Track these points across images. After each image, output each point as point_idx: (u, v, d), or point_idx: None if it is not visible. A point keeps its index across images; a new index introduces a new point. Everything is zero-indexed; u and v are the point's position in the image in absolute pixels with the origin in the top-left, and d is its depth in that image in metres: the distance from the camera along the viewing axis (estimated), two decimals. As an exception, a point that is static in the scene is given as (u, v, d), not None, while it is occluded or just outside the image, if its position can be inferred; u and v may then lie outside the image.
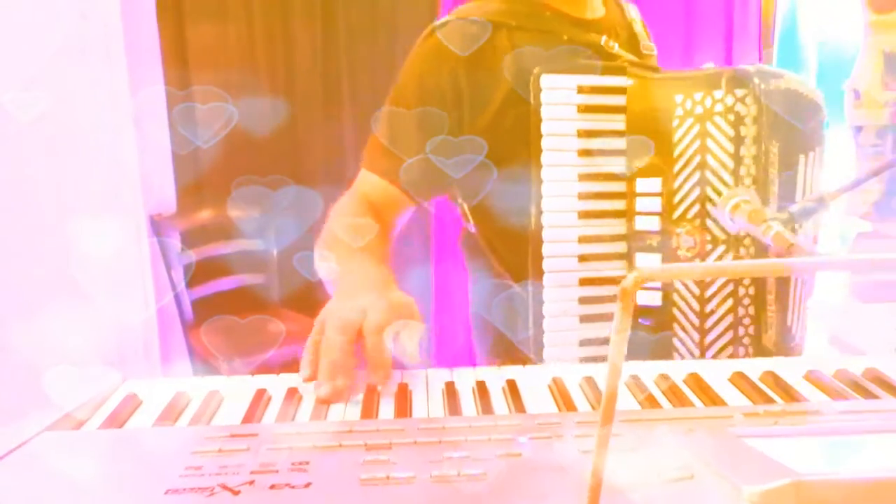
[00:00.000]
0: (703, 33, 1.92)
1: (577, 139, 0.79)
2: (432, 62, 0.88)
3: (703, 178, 0.77)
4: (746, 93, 0.77)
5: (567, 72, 0.79)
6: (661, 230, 0.79)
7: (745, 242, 0.77)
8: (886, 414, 0.51)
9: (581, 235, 0.80)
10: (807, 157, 0.80)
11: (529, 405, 0.59)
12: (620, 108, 0.81)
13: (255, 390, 0.62)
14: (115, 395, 0.62)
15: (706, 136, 0.77)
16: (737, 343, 0.78)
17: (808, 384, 0.61)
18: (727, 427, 0.49)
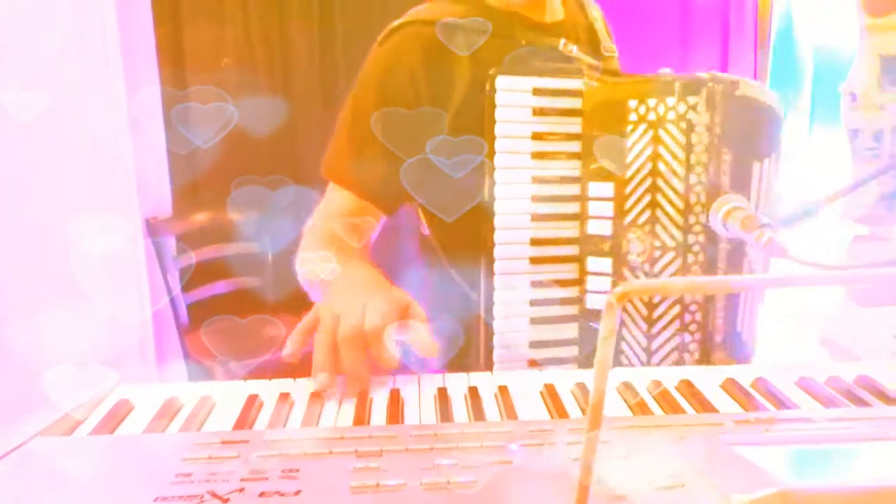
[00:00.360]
0: (699, 36, 1.93)
1: (532, 141, 0.80)
2: (391, 66, 0.88)
3: (654, 185, 0.78)
4: (698, 101, 0.77)
5: (523, 74, 0.80)
6: (613, 235, 0.80)
7: (693, 249, 0.78)
8: (877, 422, 0.51)
9: (533, 238, 0.80)
10: (761, 163, 0.81)
11: (521, 412, 0.59)
12: (576, 111, 0.81)
13: (247, 396, 0.62)
14: (108, 401, 0.62)
15: (658, 142, 0.78)
16: (682, 349, 0.79)
17: (799, 391, 0.62)
18: (718, 434, 0.49)
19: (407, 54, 0.87)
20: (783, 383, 0.63)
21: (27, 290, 1.67)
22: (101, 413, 0.59)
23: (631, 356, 0.80)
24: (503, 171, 0.79)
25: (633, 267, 0.79)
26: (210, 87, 2.09)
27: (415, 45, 0.87)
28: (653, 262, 0.78)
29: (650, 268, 0.78)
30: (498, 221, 0.79)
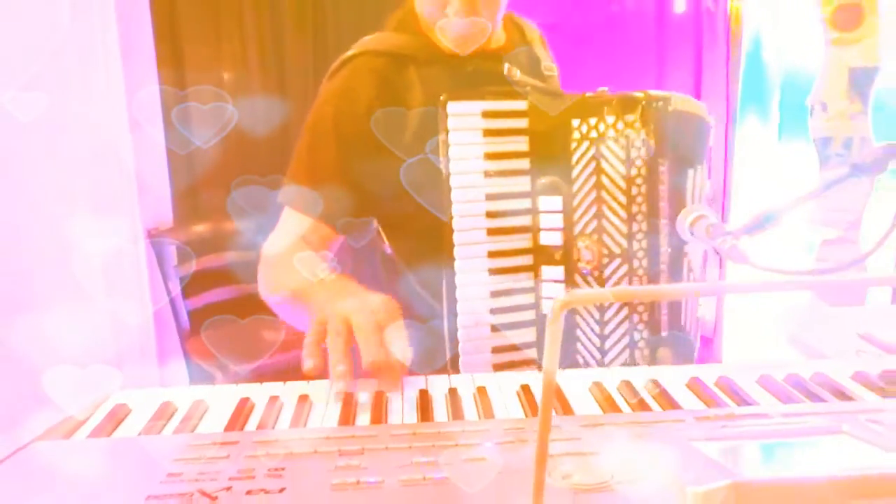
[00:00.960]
0: (675, 57, 1.95)
1: (484, 161, 0.82)
2: (344, 97, 0.90)
3: (598, 197, 0.80)
4: (635, 118, 0.80)
5: (471, 98, 0.82)
6: (563, 244, 0.82)
7: (637, 255, 0.80)
8: (829, 416, 0.53)
9: (490, 250, 0.82)
10: (694, 170, 0.83)
11: (498, 411, 0.60)
12: (523, 130, 0.84)
13: (239, 399, 0.63)
14: (105, 405, 0.63)
15: (600, 158, 0.80)
16: (633, 347, 0.81)
17: (759, 388, 0.63)
18: (679, 431, 0.50)
19: (360, 84, 0.89)
20: (745, 381, 0.64)
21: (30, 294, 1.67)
22: (100, 417, 0.60)
23: (587, 355, 0.82)
24: (459, 190, 0.81)
25: (583, 274, 0.81)
26: (209, 87, 2.09)
27: (367, 76, 0.90)
28: (601, 268, 0.81)
29: (599, 274, 0.81)
30: (456, 238, 0.81)
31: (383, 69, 0.90)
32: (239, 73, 2.29)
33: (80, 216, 1.75)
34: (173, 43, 2.20)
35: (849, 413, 0.53)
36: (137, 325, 1.93)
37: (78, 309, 1.59)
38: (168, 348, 2.01)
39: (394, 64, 0.91)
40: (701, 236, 0.75)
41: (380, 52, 0.92)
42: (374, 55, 0.91)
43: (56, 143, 1.71)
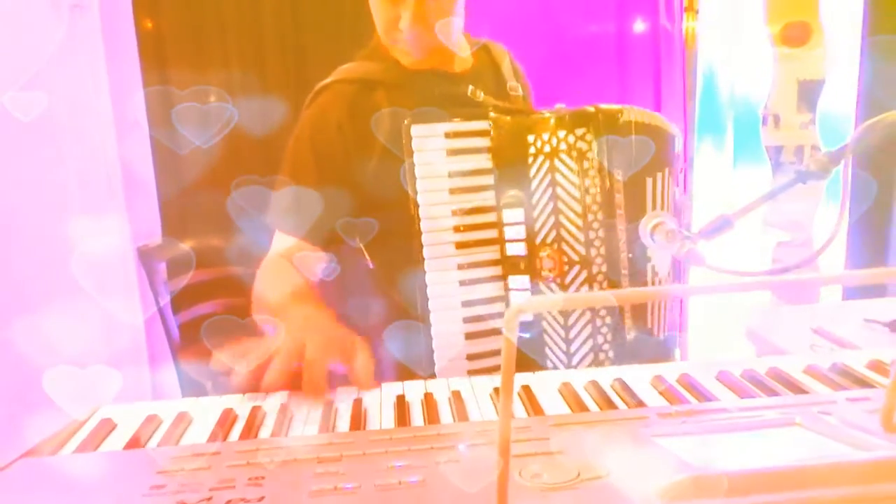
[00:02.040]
0: (635, 89, 1.98)
1: (449, 179, 0.83)
2: (319, 122, 0.92)
3: (556, 208, 0.81)
4: (586, 130, 0.80)
5: (434, 121, 0.83)
6: (527, 254, 0.83)
7: (595, 261, 0.81)
8: (783, 409, 0.53)
9: (460, 263, 0.83)
10: (654, 178, 0.84)
11: (472, 413, 0.60)
12: (485, 148, 0.84)
13: (222, 410, 0.61)
14: (91, 421, 0.61)
15: (555, 171, 0.81)
16: (597, 350, 0.81)
17: (718, 384, 0.63)
18: (642, 428, 0.50)
19: (333, 111, 0.91)
20: (705, 377, 0.64)
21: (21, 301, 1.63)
22: (85, 432, 0.59)
23: (555, 360, 0.82)
24: (426, 207, 0.82)
25: (546, 281, 0.81)
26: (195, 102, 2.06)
27: (339, 102, 0.92)
28: (563, 275, 0.81)
29: (561, 281, 0.81)
30: (427, 252, 0.82)
31: (353, 95, 0.92)
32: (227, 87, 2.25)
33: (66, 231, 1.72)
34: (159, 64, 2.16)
35: (802, 406, 0.54)
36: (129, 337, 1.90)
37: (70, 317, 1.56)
38: (160, 362, 1.97)
39: (363, 90, 0.93)
40: (661, 241, 0.76)
41: (351, 80, 0.94)
42: (346, 83, 0.94)
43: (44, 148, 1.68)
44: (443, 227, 0.82)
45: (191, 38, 2.17)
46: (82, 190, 1.80)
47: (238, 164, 2.01)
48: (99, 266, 1.77)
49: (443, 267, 0.82)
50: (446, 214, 0.82)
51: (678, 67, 1.99)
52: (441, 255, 0.82)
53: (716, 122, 2.05)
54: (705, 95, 2.05)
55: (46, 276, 1.58)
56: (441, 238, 0.81)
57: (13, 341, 1.26)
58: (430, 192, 0.82)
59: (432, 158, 0.82)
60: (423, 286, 0.81)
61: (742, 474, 0.40)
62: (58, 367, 0.58)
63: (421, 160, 0.82)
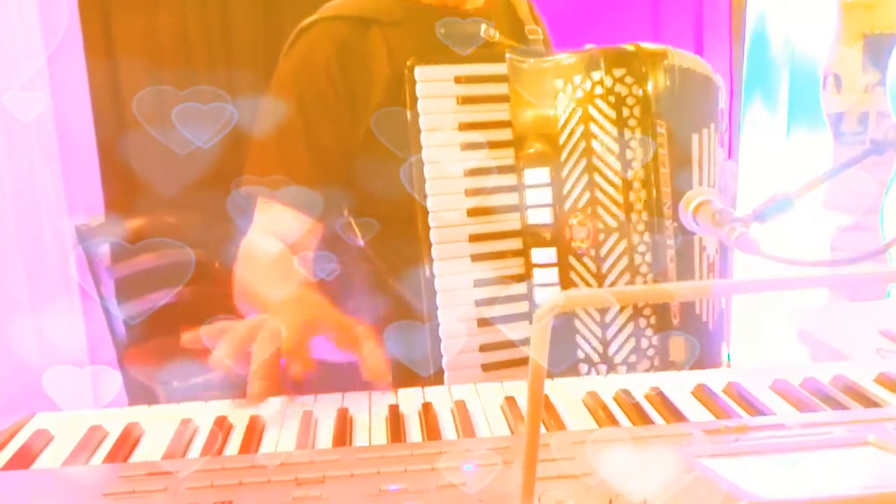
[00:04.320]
0: (673, 33, 1.96)
1: (460, 132, 0.81)
2: (304, 67, 0.89)
3: (590, 165, 0.79)
4: (626, 72, 0.79)
5: (442, 62, 0.81)
6: (554, 222, 0.81)
7: (638, 229, 0.80)
8: (852, 426, 0.52)
9: (472, 234, 0.81)
10: (700, 135, 0.82)
11: (480, 428, 0.59)
12: (503, 96, 0.83)
13: (180, 420, 0.61)
14: (24, 431, 0.60)
15: (589, 120, 0.79)
16: (640, 354, 0.80)
17: (774, 395, 0.63)
18: (685, 447, 0.50)
19: (319, 53, 0.88)
20: (757, 387, 0.64)
21: None
22: (17, 444, 0.58)
23: (591, 353, 0.81)
24: (432, 166, 0.80)
25: (578, 254, 0.80)
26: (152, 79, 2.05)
27: (327, 43, 0.88)
28: (598, 245, 0.80)
29: (596, 253, 0.80)
30: (433, 219, 0.80)
31: (344, 34, 0.89)
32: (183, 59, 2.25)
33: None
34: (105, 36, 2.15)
35: (875, 421, 0.53)
36: (67, 334, 1.89)
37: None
38: (101, 360, 1.97)
39: (356, 28, 0.89)
40: (705, 225, 0.75)
41: (339, 17, 0.90)
42: (333, 20, 0.90)
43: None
44: (452, 190, 0.80)
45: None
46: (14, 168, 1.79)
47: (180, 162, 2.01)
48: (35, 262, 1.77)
49: (451, 238, 0.80)
50: (457, 174, 0.80)
51: (724, 14, 1.96)
52: (449, 223, 0.80)
53: (767, 79, 2.03)
54: (755, 47, 2.03)
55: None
56: (450, 204, 0.80)
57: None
58: (436, 147, 0.80)
59: (440, 107, 0.80)
60: (429, 262, 0.80)
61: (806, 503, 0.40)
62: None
63: (426, 109, 0.80)
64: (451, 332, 0.80)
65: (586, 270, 0.81)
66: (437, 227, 0.80)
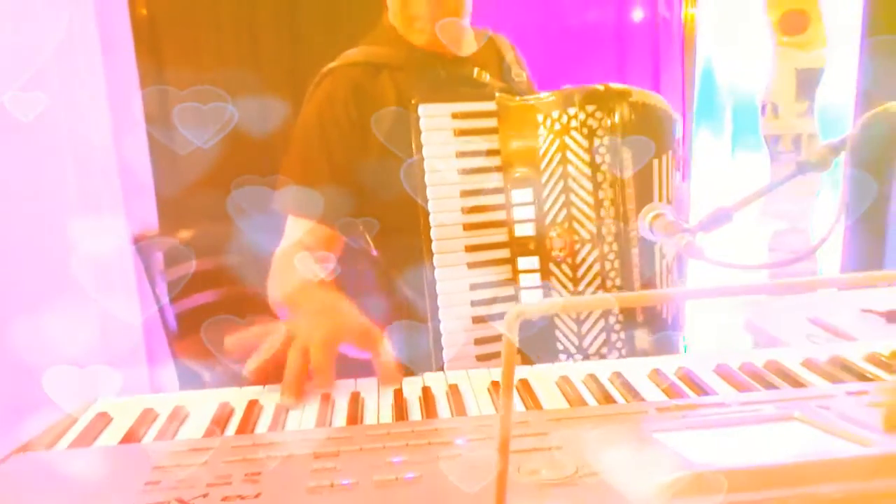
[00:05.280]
0: (633, 69, 1.97)
1: (457, 159, 0.82)
2: (326, 105, 0.92)
3: (566, 186, 0.81)
4: (596, 108, 0.80)
5: (441, 101, 0.82)
6: (536, 235, 0.82)
7: (607, 239, 0.81)
8: (781, 403, 0.52)
9: (468, 245, 0.82)
10: (660, 160, 0.83)
11: (470, 408, 0.59)
12: (493, 129, 0.84)
13: (218, 404, 0.61)
14: (87, 414, 0.61)
15: (565, 148, 0.80)
16: (611, 346, 0.81)
17: (717, 377, 0.63)
18: (642, 423, 0.50)
19: (338, 93, 0.91)
20: (703, 371, 0.64)
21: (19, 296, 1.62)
22: (81, 426, 0.58)
23: (568, 345, 0.81)
24: (434, 187, 0.81)
25: (558, 261, 0.81)
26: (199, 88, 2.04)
27: (344, 85, 0.91)
28: (574, 254, 0.81)
29: (572, 260, 0.81)
30: (434, 233, 0.81)
31: (359, 77, 0.92)
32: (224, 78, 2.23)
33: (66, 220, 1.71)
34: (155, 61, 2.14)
35: (801, 399, 0.53)
36: (127, 330, 1.89)
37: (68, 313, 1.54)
38: (157, 351, 1.97)
39: (369, 72, 0.92)
40: (659, 233, 0.75)
41: (355, 63, 0.94)
42: (350, 66, 0.94)
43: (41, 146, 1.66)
44: (450, 208, 0.81)
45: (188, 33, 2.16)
46: (80, 189, 1.78)
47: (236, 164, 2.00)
48: (98, 264, 1.76)
49: (450, 248, 0.81)
50: (455, 195, 0.82)
51: (677, 56, 1.98)
52: (449, 236, 0.81)
53: (714, 110, 2.04)
54: (704, 84, 2.04)
55: (44, 276, 1.56)
56: (449, 219, 0.81)
57: (12, 341, 1.25)
58: (437, 171, 0.81)
59: (439, 138, 0.81)
60: (431, 268, 0.81)
61: (740, 470, 0.40)
62: (57, 366, 0.57)
63: (429, 140, 0.81)
64: (451, 330, 0.81)
65: (564, 275, 0.81)
66: (438, 238, 0.81)
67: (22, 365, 0.96)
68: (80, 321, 1.56)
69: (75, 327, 1.45)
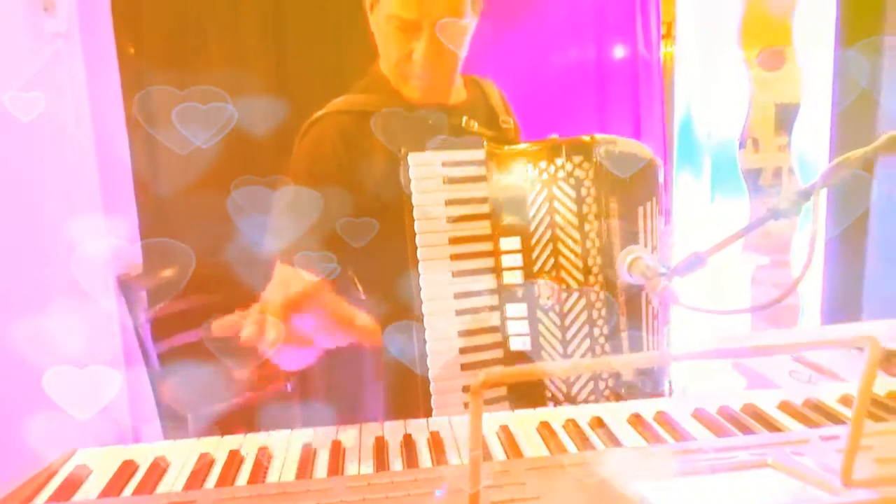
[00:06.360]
0: (616, 119, 2.02)
1: (446, 207, 0.84)
2: (315, 152, 0.92)
3: (554, 235, 0.82)
4: (583, 158, 0.82)
5: (431, 149, 0.84)
6: (525, 282, 0.84)
7: (594, 288, 0.82)
8: (756, 449, 0.54)
9: (457, 292, 0.83)
10: (644, 207, 0.85)
11: (451, 456, 0.60)
12: (481, 177, 0.86)
13: (199, 454, 0.61)
14: (66, 467, 0.60)
15: (553, 198, 0.82)
16: (598, 394, 0.82)
17: (695, 421, 0.64)
18: (619, 471, 0.51)
19: (328, 140, 0.92)
20: (681, 415, 0.65)
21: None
22: (61, 478, 0.58)
23: (555, 391, 0.82)
24: (423, 235, 0.82)
25: (545, 309, 0.82)
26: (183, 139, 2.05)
27: (334, 133, 0.92)
28: (561, 302, 0.82)
29: (560, 308, 0.82)
30: (423, 280, 0.82)
31: (348, 125, 0.93)
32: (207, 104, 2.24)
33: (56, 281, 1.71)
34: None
35: (776, 445, 0.55)
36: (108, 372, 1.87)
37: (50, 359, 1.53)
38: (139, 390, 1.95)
39: (358, 119, 0.93)
40: (637, 277, 0.77)
41: (344, 111, 0.95)
42: (339, 114, 0.95)
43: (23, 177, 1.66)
44: (440, 255, 0.82)
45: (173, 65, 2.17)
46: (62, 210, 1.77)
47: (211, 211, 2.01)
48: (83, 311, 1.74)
49: (440, 295, 0.82)
50: (443, 242, 0.83)
51: (657, 96, 2.03)
52: (438, 283, 0.82)
53: (693, 155, 2.09)
54: (682, 131, 2.10)
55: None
56: (438, 266, 0.82)
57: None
58: (426, 220, 0.82)
59: (429, 186, 0.83)
60: (420, 316, 0.82)
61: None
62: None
63: (418, 188, 0.83)
64: (439, 374, 0.81)
65: (552, 323, 0.83)
66: (427, 285, 0.82)
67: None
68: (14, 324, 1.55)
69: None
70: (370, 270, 0.91)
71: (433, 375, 0.81)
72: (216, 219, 1.00)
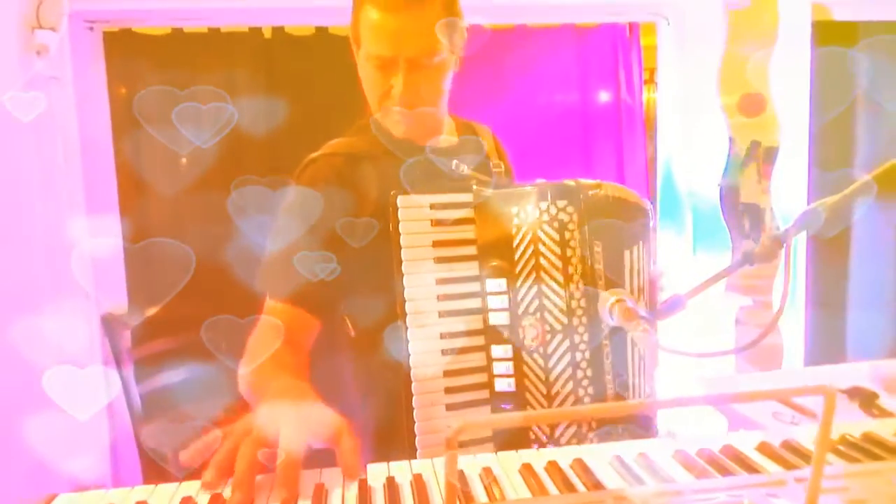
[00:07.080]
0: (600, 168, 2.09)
1: (433, 249, 0.86)
2: (309, 193, 0.95)
3: (539, 277, 0.84)
4: (567, 203, 0.84)
5: (419, 192, 0.87)
6: (510, 323, 0.85)
7: (578, 331, 0.83)
8: (734, 491, 0.55)
9: (443, 332, 0.85)
10: (631, 251, 0.87)
11: (434, 498, 0.60)
12: (469, 219, 0.88)
13: (181, 498, 0.61)
14: (46, 512, 0.60)
15: (538, 241, 0.84)
16: (582, 437, 0.83)
17: (675, 463, 0.65)
18: (598, 514, 0.52)
19: (321, 181, 0.95)
20: (662, 457, 0.66)
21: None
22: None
23: (539, 434, 0.83)
24: (411, 276, 0.84)
25: (530, 350, 0.83)
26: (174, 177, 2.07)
27: (327, 173, 0.95)
28: (546, 344, 0.83)
29: (544, 350, 0.83)
30: (410, 321, 0.83)
31: (341, 166, 0.96)
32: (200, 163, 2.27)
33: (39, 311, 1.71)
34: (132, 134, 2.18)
35: (753, 486, 0.56)
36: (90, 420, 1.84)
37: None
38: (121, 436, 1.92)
39: (351, 162, 0.97)
40: (619, 319, 0.78)
41: (337, 154, 0.98)
42: (333, 156, 0.98)
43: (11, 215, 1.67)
44: (427, 295, 0.84)
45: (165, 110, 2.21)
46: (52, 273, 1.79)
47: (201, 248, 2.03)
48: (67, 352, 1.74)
49: (426, 336, 0.83)
50: (431, 283, 0.85)
51: (640, 138, 2.09)
52: (424, 323, 0.84)
53: (675, 210, 2.14)
54: (664, 185, 2.16)
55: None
56: (425, 306, 0.84)
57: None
58: (414, 261, 0.84)
59: (417, 228, 0.85)
60: (406, 354, 0.83)
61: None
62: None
63: (406, 230, 0.85)
64: (424, 415, 0.82)
65: (535, 364, 0.84)
66: (414, 326, 0.83)
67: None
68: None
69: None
70: (359, 309, 0.92)
71: (417, 416, 0.81)
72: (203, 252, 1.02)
